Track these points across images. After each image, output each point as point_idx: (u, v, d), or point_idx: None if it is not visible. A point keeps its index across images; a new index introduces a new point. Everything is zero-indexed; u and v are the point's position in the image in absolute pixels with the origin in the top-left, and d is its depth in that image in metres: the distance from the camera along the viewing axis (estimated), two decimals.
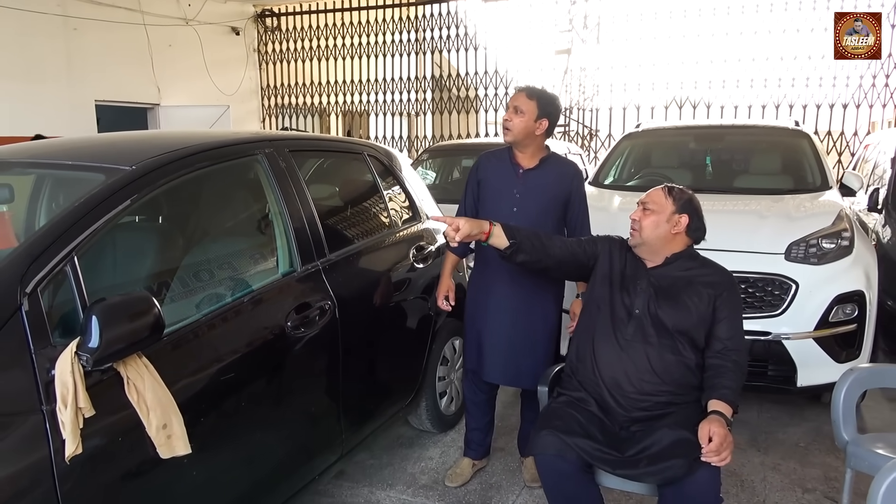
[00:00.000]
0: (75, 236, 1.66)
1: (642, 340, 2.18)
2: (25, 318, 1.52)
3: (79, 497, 1.54)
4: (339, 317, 2.40)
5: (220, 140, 2.28)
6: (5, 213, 2.26)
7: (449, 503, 2.78)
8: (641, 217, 2.24)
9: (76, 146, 2.33)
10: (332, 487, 2.88)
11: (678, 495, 1.94)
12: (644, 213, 2.24)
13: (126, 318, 1.58)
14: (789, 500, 2.81)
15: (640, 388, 2.15)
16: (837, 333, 3.26)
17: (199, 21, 9.58)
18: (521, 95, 2.65)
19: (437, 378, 3.26)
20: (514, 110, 2.62)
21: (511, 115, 2.63)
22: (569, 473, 2.04)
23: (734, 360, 2.14)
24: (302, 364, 2.27)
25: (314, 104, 11.29)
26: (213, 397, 1.92)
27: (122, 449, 1.65)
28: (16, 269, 1.55)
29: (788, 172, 4.45)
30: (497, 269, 2.68)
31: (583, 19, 9.78)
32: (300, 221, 2.38)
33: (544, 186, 2.70)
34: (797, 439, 3.36)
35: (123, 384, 1.64)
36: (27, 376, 1.49)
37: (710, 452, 1.88)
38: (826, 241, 3.37)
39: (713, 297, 2.19)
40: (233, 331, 2.01)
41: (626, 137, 5.27)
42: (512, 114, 2.63)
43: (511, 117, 2.63)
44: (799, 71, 8.59)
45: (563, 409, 2.18)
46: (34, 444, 1.47)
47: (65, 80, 7.86)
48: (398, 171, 3.32)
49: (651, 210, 2.24)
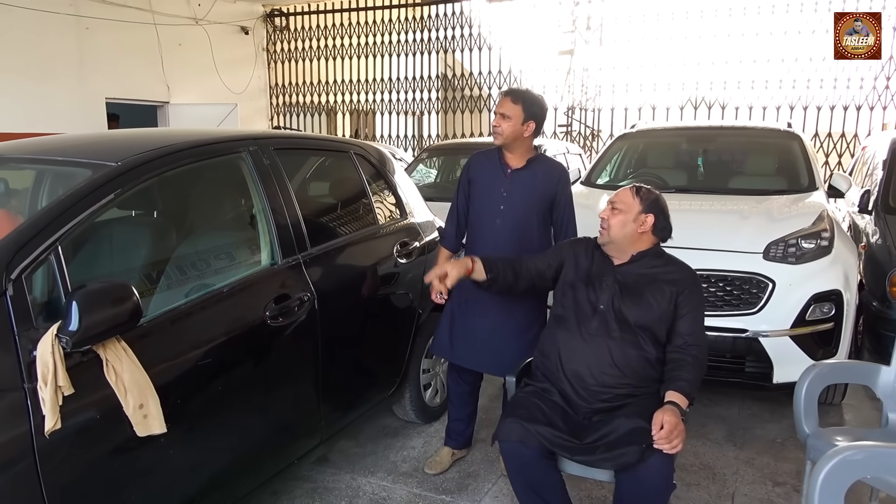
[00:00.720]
0: (60, 227, 1.78)
1: (605, 335, 2.27)
2: (10, 302, 1.63)
3: (57, 470, 1.65)
4: (319, 308, 2.50)
5: (204, 138, 2.40)
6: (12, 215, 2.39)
7: (426, 489, 2.88)
8: (610, 216, 2.33)
9: (69, 143, 2.46)
10: (314, 473, 2.99)
11: (632, 480, 2.03)
12: (612, 213, 2.33)
13: (105, 304, 1.69)
14: (759, 493, 2.88)
15: (601, 380, 2.23)
16: (814, 332, 3.32)
17: (209, 20, 9.75)
18: (506, 101, 2.74)
19: (422, 370, 3.36)
20: (501, 116, 2.72)
21: (499, 121, 2.72)
22: (530, 459, 2.13)
23: (694, 355, 2.22)
24: (280, 352, 2.37)
25: (322, 103, 11.44)
26: (191, 380, 2.03)
27: (101, 426, 1.76)
28: (1, 257, 1.67)
29: (777, 173, 4.51)
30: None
31: (585, 20, 9.83)
32: (282, 216, 2.49)
33: (531, 186, 2.80)
34: (774, 435, 3.43)
35: (103, 366, 1.75)
36: (10, 356, 1.61)
37: (661, 440, 1.97)
38: (805, 241, 3.43)
39: (675, 294, 2.27)
40: (211, 319, 2.12)
41: (620, 138, 5.34)
42: (500, 120, 2.72)
43: (499, 123, 2.72)
44: (800, 73, 8.59)
45: (527, 399, 2.27)
46: (17, 418, 1.58)
47: (76, 78, 8.06)
48: (387, 171, 3.42)
49: (619, 209, 2.32)
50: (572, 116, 10.22)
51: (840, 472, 1.76)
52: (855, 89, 8.42)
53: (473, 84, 10.53)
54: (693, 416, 3.62)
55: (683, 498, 2.82)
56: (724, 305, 3.34)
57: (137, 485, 1.88)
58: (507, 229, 2.77)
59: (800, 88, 8.62)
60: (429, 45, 10.73)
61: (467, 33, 10.41)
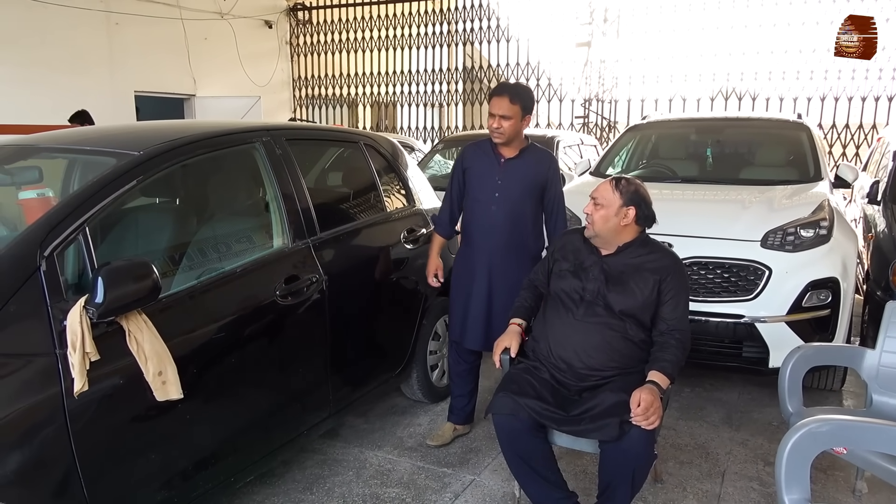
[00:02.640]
0: (87, 210, 1.96)
1: (592, 321, 2.39)
2: (43, 277, 1.82)
3: (85, 427, 1.83)
4: (327, 289, 2.67)
5: (219, 129, 2.57)
6: (51, 197, 2.59)
7: (429, 462, 3.04)
8: (593, 211, 2.41)
9: (97, 134, 2.65)
10: (324, 446, 3.16)
11: (615, 450, 2.16)
12: (595, 208, 2.41)
13: (128, 280, 1.87)
14: (749, 471, 2.98)
15: (588, 364, 2.36)
16: (811, 318, 3.40)
17: (234, 15, 10.00)
18: (504, 102, 2.82)
19: (429, 352, 3.52)
20: (501, 118, 2.82)
21: (500, 122, 2.82)
22: (520, 431, 2.28)
23: (677, 339, 2.33)
24: (290, 329, 2.54)
25: (344, 95, 11.64)
26: (205, 352, 2.21)
27: (124, 390, 1.94)
28: (35, 237, 1.86)
29: (784, 163, 4.56)
30: (478, 248, 2.98)
31: (603, 13, 9.87)
32: (293, 203, 2.65)
33: (524, 174, 2.94)
34: (771, 419, 3.52)
35: (125, 336, 1.93)
36: (43, 325, 1.80)
37: (638, 416, 2.09)
38: (804, 229, 3.50)
39: (658, 281, 2.37)
40: (225, 296, 2.30)
41: (630, 129, 5.43)
42: (501, 121, 2.82)
43: (501, 124, 2.83)
44: (817, 63, 8.54)
45: (519, 375, 2.41)
46: (49, 380, 1.77)
47: (107, 72, 8.36)
48: (397, 161, 3.57)
49: (601, 205, 2.40)
50: (589, 108, 10.28)
51: (806, 443, 1.88)
52: (874, 80, 8.36)
53: (494, 76, 10.63)
54: (693, 398, 3.75)
55: (675, 475, 2.94)
56: (723, 292, 3.44)
57: (156, 445, 2.06)
58: (503, 215, 2.91)
59: (817, 79, 8.58)
60: (450, 38, 10.86)
61: (487, 26, 10.51)
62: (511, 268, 2.96)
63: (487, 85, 10.63)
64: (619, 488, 2.18)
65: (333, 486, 2.84)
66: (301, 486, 2.84)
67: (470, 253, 3.03)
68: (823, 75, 8.61)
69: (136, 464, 2.00)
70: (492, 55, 10.61)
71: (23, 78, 7.42)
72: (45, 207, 2.32)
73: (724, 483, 2.88)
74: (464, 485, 2.85)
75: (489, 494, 2.78)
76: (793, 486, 1.85)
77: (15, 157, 2.52)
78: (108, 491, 1.91)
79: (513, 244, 2.97)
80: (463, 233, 3.09)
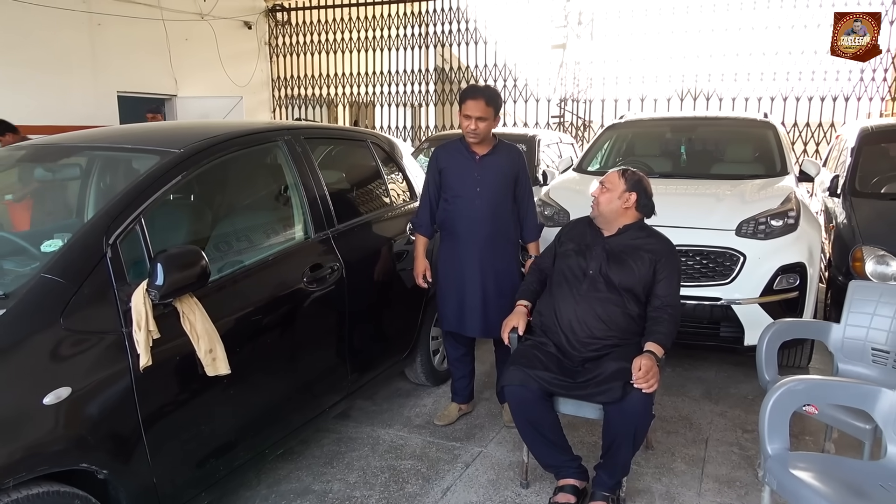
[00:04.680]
0: (142, 202, 2.15)
1: (594, 295, 2.66)
2: (109, 263, 2.01)
3: (149, 397, 2.03)
4: (346, 276, 2.89)
5: (248, 128, 2.78)
6: (25, 202, 2.76)
7: (438, 437, 3.28)
8: (599, 194, 2.73)
9: (135, 133, 2.83)
10: (338, 426, 3.37)
11: (618, 411, 2.42)
12: (601, 191, 2.73)
13: (182, 265, 2.06)
14: (729, 438, 3.29)
15: (591, 333, 2.63)
16: (781, 300, 3.72)
17: (214, 16, 10.08)
18: (479, 104, 3.02)
19: (431, 338, 3.75)
20: (477, 119, 3.02)
21: (476, 123, 3.03)
22: (531, 400, 2.53)
23: (670, 314, 2.61)
24: (315, 313, 2.76)
25: (322, 95, 11.79)
26: (245, 332, 2.41)
27: (180, 365, 2.14)
28: (100, 227, 2.04)
29: (753, 159, 4.91)
30: (464, 241, 3.18)
31: (577, 15, 10.23)
32: (313, 196, 2.86)
33: (499, 168, 3.17)
34: (746, 393, 3.84)
35: (179, 317, 2.13)
36: (111, 306, 1.99)
37: (639, 380, 2.36)
38: (774, 219, 3.83)
39: (654, 261, 2.66)
40: (261, 282, 2.51)
41: (609, 128, 5.73)
42: (477, 122, 3.03)
43: (477, 126, 3.04)
44: (780, 66, 9.01)
45: (527, 350, 2.66)
46: (118, 355, 1.96)
47: (89, 73, 8.39)
48: (398, 157, 3.81)
49: (607, 188, 2.72)
50: (564, 108, 10.61)
51: (785, 399, 2.17)
52: (832, 81, 8.85)
53: (469, 77, 10.89)
54: (674, 377, 4.05)
55: (664, 442, 3.22)
56: (702, 277, 3.74)
57: (206, 416, 2.26)
58: (486, 208, 3.13)
59: (780, 80, 9.04)
60: (426, 40, 11.09)
61: (463, 28, 10.77)
62: (497, 256, 3.19)
63: (459, 86, 10.88)
64: (622, 446, 2.44)
65: (352, 460, 3.06)
66: (321, 461, 3.05)
67: (456, 247, 3.20)
68: (786, 77, 9.07)
69: (190, 433, 2.20)
70: (467, 57, 10.86)
71: (5, 78, 7.43)
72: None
73: (708, 448, 3.18)
74: (473, 455, 3.10)
75: (497, 462, 3.03)
76: (774, 438, 2.14)
77: (60, 155, 2.68)
78: (167, 457, 2.10)
79: (496, 234, 3.18)
80: (445, 229, 3.26)
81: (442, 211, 3.24)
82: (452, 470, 2.97)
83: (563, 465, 2.64)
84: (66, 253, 1.98)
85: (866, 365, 2.75)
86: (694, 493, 2.80)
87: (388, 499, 2.74)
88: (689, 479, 2.90)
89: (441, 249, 3.32)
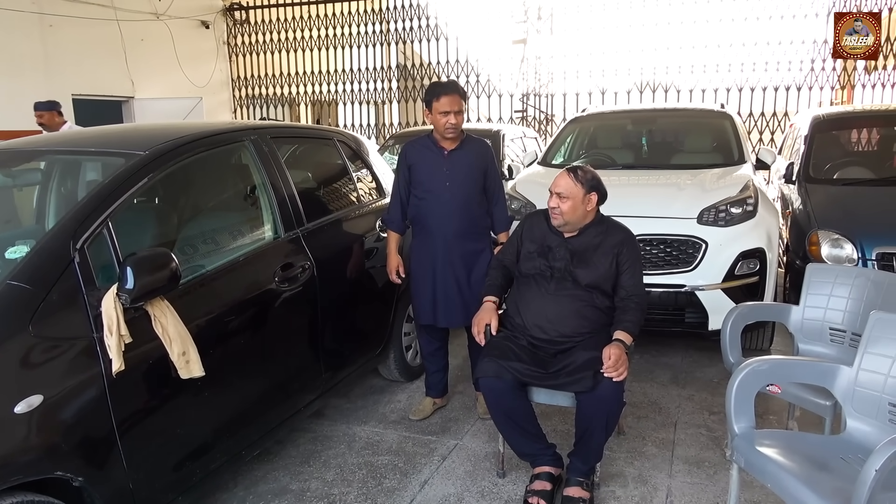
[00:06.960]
0: (109, 206, 2.12)
1: (563, 294, 2.70)
2: (77, 268, 1.98)
3: (123, 402, 2.01)
4: (317, 275, 2.89)
5: (214, 129, 2.75)
6: None
7: (414, 432, 3.30)
8: (559, 203, 2.69)
9: (97, 136, 2.78)
10: (313, 425, 3.37)
11: (591, 399, 2.47)
12: (560, 200, 2.69)
13: (153, 268, 2.04)
14: (697, 420, 3.38)
15: (560, 331, 2.67)
16: (742, 284, 3.84)
17: (170, 15, 9.89)
18: (458, 100, 3.08)
19: (404, 334, 3.77)
20: (457, 114, 3.09)
21: (457, 118, 3.09)
22: (504, 390, 2.56)
23: (636, 302, 2.67)
24: (288, 312, 2.75)
25: (284, 94, 11.67)
26: (217, 334, 2.40)
27: (153, 369, 2.12)
28: (67, 231, 2.01)
29: (711, 149, 5.04)
30: (436, 235, 3.22)
31: (537, 11, 10.34)
32: (282, 196, 2.86)
33: (467, 162, 3.22)
34: (711, 377, 3.95)
35: (151, 321, 2.11)
36: (81, 312, 1.96)
37: (609, 369, 2.41)
38: (733, 206, 3.94)
39: (615, 255, 2.70)
40: (232, 283, 2.49)
41: (572, 121, 5.81)
42: (458, 117, 3.09)
43: (458, 120, 3.10)
44: (735, 57, 9.27)
45: (500, 342, 2.70)
46: (90, 361, 1.93)
47: (42, 75, 8.15)
48: (365, 155, 3.81)
49: (566, 197, 2.68)
50: (527, 102, 10.71)
51: (750, 379, 2.25)
52: (784, 71, 9.12)
53: (430, 74, 10.91)
54: (643, 364, 4.14)
55: (635, 427, 3.30)
56: (665, 265, 3.83)
57: (181, 419, 2.24)
58: (456, 202, 3.17)
59: (735, 72, 9.29)
60: (386, 37, 11.06)
61: (423, 24, 10.78)
62: (467, 248, 3.23)
63: (422, 83, 10.88)
64: (595, 433, 2.50)
65: (329, 458, 3.06)
66: (298, 460, 3.05)
67: (428, 241, 3.24)
68: (740, 68, 9.33)
69: (165, 437, 2.19)
70: (429, 54, 10.87)
71: None
72: None
73: (677, 431, 3.26)
74: (449, 448, 3.13)
75: (474, 454, 3.07)
76: (741, 417, 2.22)
77: (18, 160, 2.62)
78: (143, 462, 2.09)
79: (466, 226, 3.22)
80: (416, 224, 3.29)
81: (413, 207, 3.27)
82: (429, 463, 3.00)
83: (539, 453, 2.68)
84: (33, 259, 1.95)
85: (825, 344, 2.86)
86: (665, 474, 2.87)
87: (366, 494, 2.76)
88: (661, 462, 2.98)
89: (413, 245, 3.34)
